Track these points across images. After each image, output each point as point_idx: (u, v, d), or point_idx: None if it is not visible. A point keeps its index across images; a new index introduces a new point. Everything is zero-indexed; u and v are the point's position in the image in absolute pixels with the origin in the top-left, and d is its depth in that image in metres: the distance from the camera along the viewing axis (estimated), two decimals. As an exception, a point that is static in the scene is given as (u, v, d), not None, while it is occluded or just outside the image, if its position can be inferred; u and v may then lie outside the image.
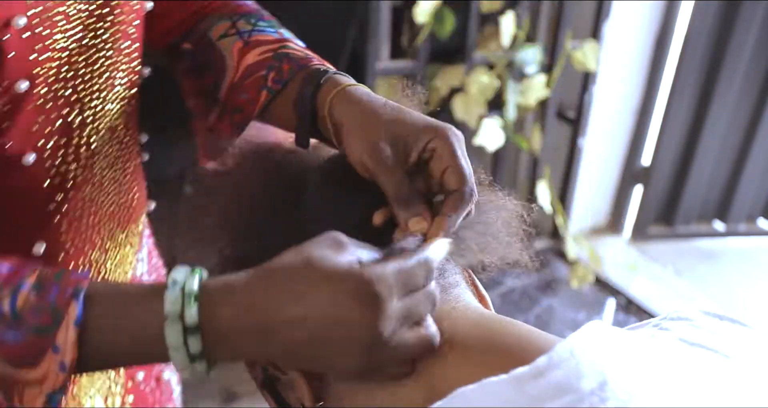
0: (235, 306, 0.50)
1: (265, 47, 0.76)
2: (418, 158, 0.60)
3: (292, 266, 0.50)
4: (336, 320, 0.49)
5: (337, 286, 0.49)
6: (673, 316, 0.59)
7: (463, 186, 0.59)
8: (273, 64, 0.74)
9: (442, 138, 0.60)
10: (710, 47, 2.40)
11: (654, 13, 2.39)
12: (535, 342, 0.54)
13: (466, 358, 0.54)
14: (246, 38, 0.78)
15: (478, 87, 2.14)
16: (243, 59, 0.76)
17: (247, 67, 0.75)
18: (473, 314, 0.59)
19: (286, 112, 0.71)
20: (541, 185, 2.41)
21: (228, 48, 0.78)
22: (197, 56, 0.82)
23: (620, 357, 0.51)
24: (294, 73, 0.72)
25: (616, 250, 2.69)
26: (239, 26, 0.79)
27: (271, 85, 0.73)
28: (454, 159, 0.60)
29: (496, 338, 0.55)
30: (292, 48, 0.75)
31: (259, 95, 0.73)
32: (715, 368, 0.52)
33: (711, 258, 2.69)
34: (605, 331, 0.53)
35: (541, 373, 0.49)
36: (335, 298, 0.49)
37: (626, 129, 2.60)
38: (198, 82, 0.82)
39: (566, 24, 2.23)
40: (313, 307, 0.49)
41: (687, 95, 2.47)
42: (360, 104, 0.64)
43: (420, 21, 2.01)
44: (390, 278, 0.49)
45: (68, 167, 0.70)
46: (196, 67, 0.82)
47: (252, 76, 0.75)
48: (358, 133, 0.62)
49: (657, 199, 2.68)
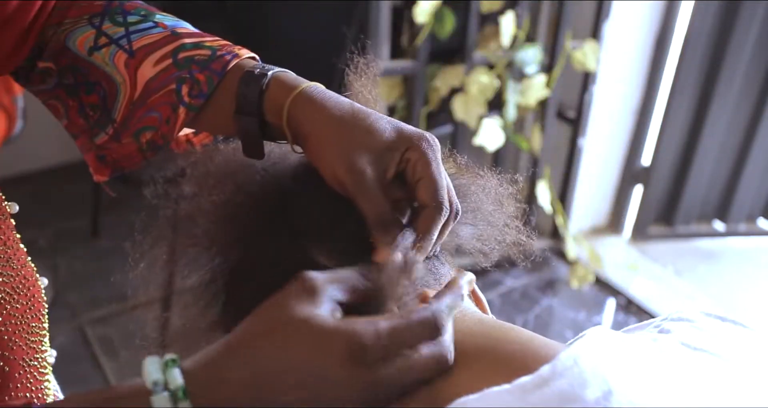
0: (227, 387, 0.47)
1: (157, 53, 0.67)
2: (396, 171, 0.58)
3: (276, 329, 0.47)
4: (333, 383, 0.47)
5: (327, 347, 0.46)
6: (674, 316, 0.58)
7: (434, 200, 0.57)
8: (182, 75, 0.65)
9: (417, 148, 0.58)
10: (710, 47, 2.40)
11: (654, 13, 2.39)
12: (536, 349, 0.53)
13: (466, 367, 0.53)
14: (127, 47, 0.67)
15: (478, 87, 2.14)
16: (137, 74, 0.67)
17: (148, 82, 0.66)
18: (471, 320, 0.58)
19: (218, 122, 0.66)
20: (541, 185, 2.41)
21: (108, 62, 0.68)
22: (64, 75, 0.71)
23: (624, 365, 0.50)
24: (215, 83, 0.64)
25: (616, 250, 2.69)
26: (109, 33, 0.68)
27: (190, 102, 0.65)
28: (427, 170, 0.57)
29: (497, 345, 0.54)
30: (190, 46, 0.67)
31: (175, 113, 0.66)
32: (719, 374, 0.52)
33: (711, 258, 2.69)
34: (608, 338, 0.53)
35: (544, 382, 0.48)
36: (326, 361, 0.46)
37: (626, 129, 2.60)
38: (75, 101, 0.71)
39: (566, 24, 2.23)
40: (307, 373, 0.47)
41: (687, 95, 2.47)
42: (325, 110, 0.60)
43: (420, 21, 2.00)
44: (376, 334, 0.47)
45: None
46: (66, 86, 0.71)
47: (158, 92, 0.66)
48: (331, 147, 0.58)
49: (657, 199, 2.68)
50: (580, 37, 2.27)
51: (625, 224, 2.77)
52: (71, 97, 0.71)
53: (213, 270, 0.61)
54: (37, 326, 0.68)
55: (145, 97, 0.67)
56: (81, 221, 2.63)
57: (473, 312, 0.60)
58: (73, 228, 2.65)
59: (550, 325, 2.39)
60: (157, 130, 0.67)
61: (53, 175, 2.89)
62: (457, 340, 0.54)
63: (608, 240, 2.74)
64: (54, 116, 0.74)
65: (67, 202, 2.77)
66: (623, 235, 2.77)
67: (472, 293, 0.63)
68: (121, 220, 2.56)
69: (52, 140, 2.73)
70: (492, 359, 0.53)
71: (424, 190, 0.57)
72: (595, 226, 2.77)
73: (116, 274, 0.60)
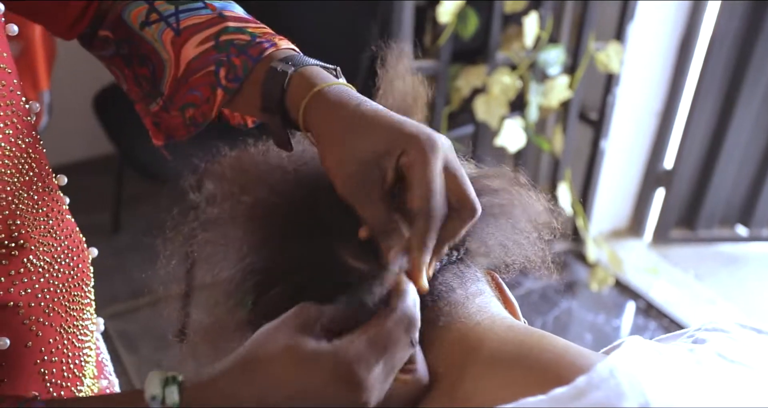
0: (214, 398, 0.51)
1: (201, 34, 0.68)
2: (395, 175, 0.56)
3: (272, 356, 0.50)
4: (323, 403, 0.50)
5: (318, 372, 0.50)
6: (708, 326, 0.57)
7: (421, 208, 0.54)
8: (220, 58, 0.67)
9: (413, 150, 0.55)
10: (736, 49, 2.37)
11: (679, 15, 2.37)
12: (571, 359, 0.52)
13: (496, 374, 0.52)
14: (174, 25, 0.69)
15: (500, 87, 2.13)
16: (181, 53, 0.69)
17: (189, 63, 0.69)
18: (501, 327, 0.57)
19: (250, 107, 0.67)
20: (562, 187, 2.39)
21: (157, 39, 0.70)
22: (121, 46, 0.74)
23: (661, 377, 0.49)
24: (249, 70, 0.66)
25: (636, 253, 2.67)
26: (160, 9, 0.70)
27: (226, 85, 0.67)
28: (416, 175, 0.54)
29: (530, 354, 0.53)
30: (233, 30, 0.68)
31: (213, 94, 0.68)
32: (755, 388, 0.51)
33: (733, 263, 2.67)
34: (645, 349, 0.52)
35: (581, 393, 0.47)
36: (317, 385, 0.50)
37: (649, 131, 2.58)
38: (130, 70, 0.75)
39: (590, 25, 2.22)
40: (300, 397, 0.50)
41: (711, 98, 2.44)
42: (333, 113, 0.59)
43: (443, 21, 2.00)
44: (365, 354, 0.50)
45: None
46: (123, 56, 0.74)
47: (199, 73, 0.68)
48: (332, 153, 0.58)
49: (679, 203, 2.66)
50: (604, 39, 2.26)
51: (646, 227, 2.75)
52: (127, 66, 0.74)
53: (243, 269, 0.62)
54: (80, 295, 0.71)
55: (187, 76, 0.69)
56: (102, 216, 2.65)
57: (503, 317, 0.59)
58: (94, 223, 2.66)
59: (568, 327, 2.37)
60: (198, 107, 0.69)
61: (75, 170, 2.89)
62: (486, 347, 0.54)
63: (629, 243, 2.72)
64: (117, 81, 0.78)
65: (88, 198, 2.77)
66: (644, 238, 2.75)
67: (501, 294, 0.62)
68: (142, 216, 2.58)
69: (76, 135, 2.75)
70: (525, 367, 0.52)
71: (411, 197, 0.55)
72: (615, 229, 2.76)
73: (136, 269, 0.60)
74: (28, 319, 0.65)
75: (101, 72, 0.90)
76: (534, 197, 0.65)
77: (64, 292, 0.69)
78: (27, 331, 0.65)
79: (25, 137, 0.62)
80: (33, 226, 0.64)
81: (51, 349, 0.68)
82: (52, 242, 0.67)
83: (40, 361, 0.67)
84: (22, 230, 0.63)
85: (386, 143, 0.56)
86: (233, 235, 0.62)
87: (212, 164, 0.65)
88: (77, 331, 0.71)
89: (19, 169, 0.62)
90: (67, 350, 0.70)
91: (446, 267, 0.61)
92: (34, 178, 0.64)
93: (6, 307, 0.63)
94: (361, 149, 0.56)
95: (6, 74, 0.61)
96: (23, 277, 0.63)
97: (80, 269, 0.71)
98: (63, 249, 0.68)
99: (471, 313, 0.58)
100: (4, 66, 0.61)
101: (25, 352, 0.65)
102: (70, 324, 0.70)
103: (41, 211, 0.65)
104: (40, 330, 0.66)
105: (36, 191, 0.64)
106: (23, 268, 0.63)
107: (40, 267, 0.65)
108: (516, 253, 0.65)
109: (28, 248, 0.64)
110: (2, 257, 0.61)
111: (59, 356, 0.69)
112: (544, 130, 2.53)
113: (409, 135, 0.56)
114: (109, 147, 2.47)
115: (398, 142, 0.56)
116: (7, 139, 0.60)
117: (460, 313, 0.58)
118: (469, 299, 0.59)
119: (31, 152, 0.63)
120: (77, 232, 0.72)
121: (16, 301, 0.63)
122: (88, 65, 1.34)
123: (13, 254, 0.62)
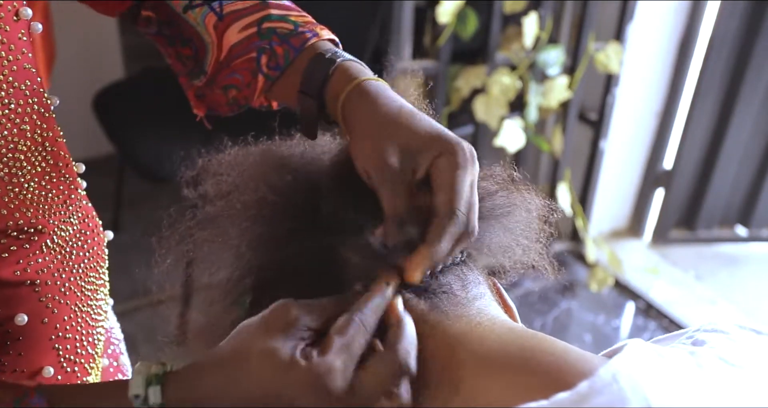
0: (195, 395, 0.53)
1: (244, 20, 0.70)
2: (425, 173, 0.58)
3: (246, 358, 0.52)
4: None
5: (288, 381, 0.51)
6: (708, 327, 0.57)
7: (449, 208, 0.56)
8: (262, 45, 0.69)
9: (449, 155, 0.57)
10: (735, 49, 2.38)
11: (678, 15, 2.37)
12: (573, 362, 0.52)
13: (497, 376, 0.52)
14: (218, 10, 0.71)
15: (499, 88, 2.13)
16: (224, 37, 0.71)
17: (232, 47, 0.71)
18: (501, 330, 0.57)
19: (288, 94, 0.68)
20: (562, 187, 2.40)
21: (200, 22, 0.72)
22: (163, 27, 0.76)
23: (664, 381, 0.49)
24: (291, 59, 0.68)
25: (636, 253, 2.67)
26: None
27: (267, 72, 0.69)
28: (450, 178, 0.56)
29: (530, 357, 0.53)
30: (276, 18, 0.70)
31: (255, 79, 0.70)
32: (757, 391, 0.51)
33: (733, 263, 2.67)
34: (647, 353, 0.52)
35: (584, 398, 0.47)
36: (290, 394, 0.51)
37: (648, 132, 2.58)
38: (172, 49, 0.77)
39: (589, 25, 2.22)
40: (274, 401, 0.51)
41: (711, 98, 2.44)
42: (374, 106, 0.61)
43: (442, 21, 2.00)
44: (336, 363, 0.51)
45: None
46: (166, 36, 0.77)
47: (241, 58, 0.70)
48: (368, 140, 0.60)
49: (678, 203, 2.66)
50: (604, 39, 2.26)
51: (645, 228, 2.75)
52: (170, 46, 0.77)
53: (241, 268, 0.62)
54: (95, 276, 0.75)
55: (230, 60, 0.71)
56: (102, 216, 2.64)
57: (503, 320, 0.59)
58: (95, 223, 2.67)
59: (568, 327, 2.38)
60: (240, 90, 0.72)
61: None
62: (484, 350, 0.54)
63: (628, 243, 2.72)
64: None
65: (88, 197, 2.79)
66: (644, 238, 2.75)
67: (501, 299, 0.62)
68: (142, 216, 2.58)
69: (76, 135, 2.75)
70: (526, 370, 0.52)
71: (442, 197, 0.56)
72: (615, 229, 2.76)
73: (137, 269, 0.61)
74: (45, 297, 0.68)
75: (101, 72, 0.90)
76: (533, 197, 0.65)
77: (80, 273, 0.72)
78: (43, 308, 0.68)
79: (43, 132, 0.64)
80: (50, 213, 0.67)
81: (66, 326, 0.71)
82: (69, 227, 0.70)
83: (55, 337, 0.70)
84: (39, 216, 0.65)
85: (427, 141, 0.58)
86: (230, 233, 0.62)
87: (209, 162, 0.65)
88: (91, 310, 0.74)
89: (32, 162, 0.64)
90: (81, 328, 0.73)
91: (448, 268, 0.61)
92: (48, 168, 0.65)
93: (24, 284, 0.66)
94: (401, 141, 0.58)
95: (31, 74, 0.62)
96: (40, 258, 0.67)
97: (95, 252, 0.75)
98: (78, 232, 0.71)
99: (472, 315, 0.58)
100: (29, 66, 0.62)
101: (42, 328, 0.69)
102: (85, 303, 0.73)
103: (57, 199, 0.68)
104: (56, 307, 0.69)
105: (50, 181, 0.66)
106: (40, 249, 0.67)
107: (56, 249, 0.68)
108: (517, 253, 0.65)
109: (47, 232, 0.67)
110: (22, 242, 0.65)
111: (73, 333, 0.72)
112: (543, 130, 2.53)
113: (450, 140, 0.58)
114: (109, 147, 2.47)
115: (439, 143, 0.58)
116: (23, 134, 0.62)
117: (461, 314, 0.58)
118: (471, 301, 0.59)
119: (47, 145, 0.65)
120: (93, 217, 0.75)
121: (33, 279, 0.66)
122: (88, 65, 1.34)
123: (33, 239, 0.65)
